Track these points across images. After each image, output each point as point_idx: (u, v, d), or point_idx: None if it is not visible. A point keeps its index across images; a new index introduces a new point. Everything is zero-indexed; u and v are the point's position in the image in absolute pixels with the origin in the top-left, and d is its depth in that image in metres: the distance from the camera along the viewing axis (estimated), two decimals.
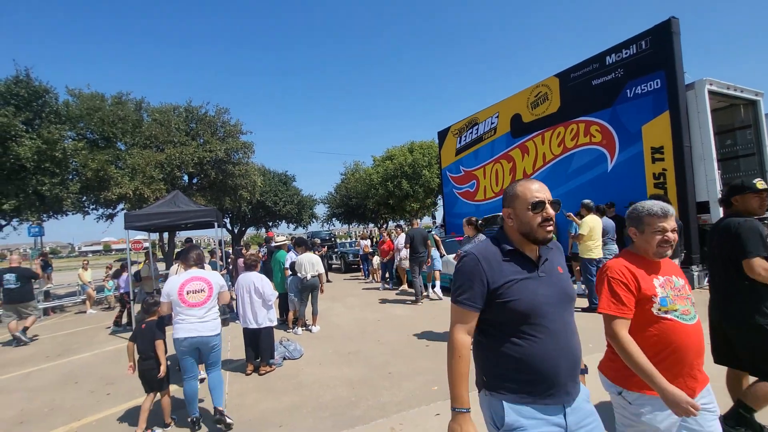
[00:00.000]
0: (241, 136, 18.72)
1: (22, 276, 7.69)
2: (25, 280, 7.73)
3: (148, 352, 3.56)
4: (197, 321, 3.49)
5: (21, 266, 8.07)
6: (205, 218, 8.19)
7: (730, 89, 7.72)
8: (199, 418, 3.53)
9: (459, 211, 13.45)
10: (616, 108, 8.25)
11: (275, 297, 4.84)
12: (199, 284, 3.59)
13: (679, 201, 7.17)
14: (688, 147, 7.25)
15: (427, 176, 24.44)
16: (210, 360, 3.60)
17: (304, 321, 6.80)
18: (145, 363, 3.55)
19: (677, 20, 7.24)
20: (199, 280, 3.61)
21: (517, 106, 10.81)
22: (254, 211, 29.41)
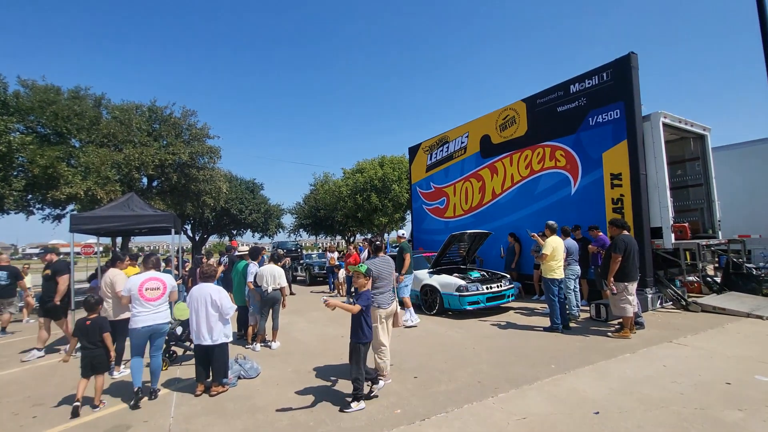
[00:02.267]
0: (207, 140, 18.12)
1: (12, 274, 8.24)
2: (14, 278, 8.28)
3: (96, 342, 4.25)
4: (153, 312, 4.44)
5: (10, 265, 8.59)
6: (161, 224, 7.74)
7: (682, 123, 8.30)
8: (140, 389, 4.28)
9: (428, 227, 13.54)
10: (579, 134, 8.64)
11: (233, 311, 4.56)
12: (156, 283, 4.54)
13: (635, 226, 7.52)
14: (644, 175, 7.66)
15: (397, 191, 24.58)
16: (155, 344, 4.54)
17: (263, 337, 6.48)
18: (93, 352, 4.22)
19: (636, 55, 7.72)
20: (156, 280, 4.57)
21: (487, 128, 11.11)
22: (218, 219, 28.39)
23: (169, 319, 4.65)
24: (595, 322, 6.98)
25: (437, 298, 8.17)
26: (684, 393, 3.87)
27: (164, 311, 4.56)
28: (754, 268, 8.60)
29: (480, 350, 5.66)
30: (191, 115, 17.91)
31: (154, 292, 4.48)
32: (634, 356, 5.10)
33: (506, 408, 3.74)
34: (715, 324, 6.46)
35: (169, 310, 4.68)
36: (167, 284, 4.60)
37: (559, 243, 6.71)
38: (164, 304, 4.58)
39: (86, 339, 4.24)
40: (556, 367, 4.81)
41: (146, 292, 4.43)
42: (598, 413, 3.55)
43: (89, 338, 4.24)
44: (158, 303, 4.50)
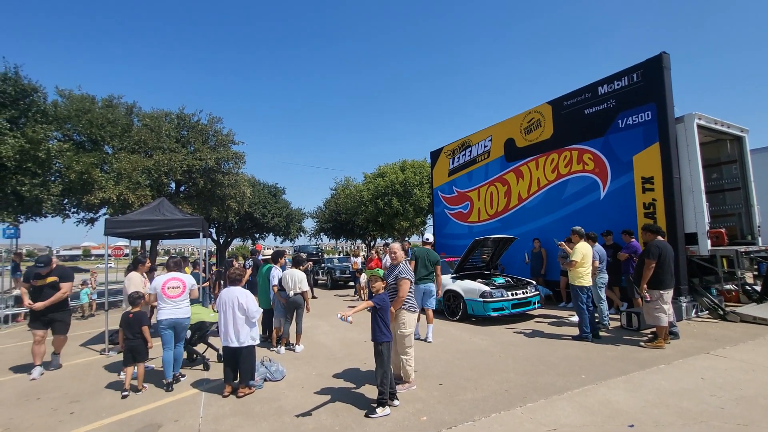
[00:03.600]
0: (232, 146, 18.55)
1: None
2: None
3: (135, 334, 4.85)
4: (174, 308, 5.02)
5: None
6: (190, 227, 7.94)
7: (718, 124, 7.95)
8: (171, 381, 4.87)
9: (450, 232, 13.41)
10: (608, 137, 8.40)
11: (259, 314, 4.63)
12: (176, 282, 5.14)
13: (669, 231, 7.21)
14: (678, 179, 7.37)
15: (418, 195, 24.48)
16: (179, 336, 5.12)
17: (287, 340, 6.55)
18: (134, 341, 4.83)
19: (668, 55, 7.46)
20: (176, 280, 5.17)
21: (511, 131, 10.94)
22: (241, 222, 28.94)
23: (189, 315, 5.19)
24: (627, 332, 6.73)
25: (460, 304, 8.07)
26: (724, 408, 3.68)
27: (185, 307, 5.13)
28: None
29: (506, 358, 5.54)
30: (217, 122, 18.41)
31: (174, 290, 5.07)
32: (669, 367, 4.88)
33: (535, 418, 3.64)
34: (756, 335, 6.13)
35: (188, 307, 5.23)
36: (186, 283, 5.20)
37: (588, 249, 6.53)
38: (184, 301, 5.14)
39: (129, 330, 4.83)
40: (586, 377, 4.66)
41: (168, 290, 5.02)
42: (633, 426, 3.41)
43: (131, 330, 4.83)
44: (179, 300, 5.07)
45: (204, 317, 5.86)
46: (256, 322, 4.68)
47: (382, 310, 4.01)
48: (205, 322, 5.86)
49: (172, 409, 4.28)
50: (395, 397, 4.07)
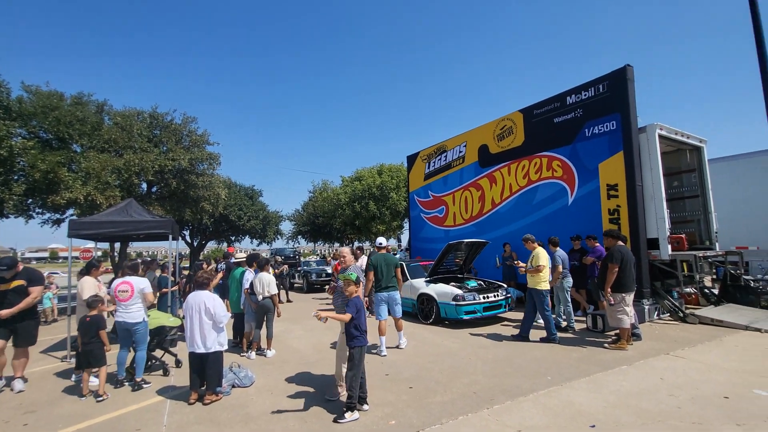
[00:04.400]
0: (207, 147, 18.18)
1: None
2: None
3: (92, 338, 4.75)
4: (124, 311, 5.08)
5: None
6: (159, 229, 7.71)
7: (678, 135, 8.35)
8: (124, 378, 5.09)
9: (426, 236, 13.53)
10: (576, 145, 8.69)
11: (227, 319, 4.54)
12: (125, 286, 5.15)
13: (632, 237, 7.53)
14: (640, 186, 7.69)
15: (395, 199, 24.63)
16: (134, 340, 5.14)
17: (258, 345, 6.45)
18: (89, 346, 4.74)
19: (631, 68, 7.80)
20: (125, 284, 5.17)
21: (484, 138, 11.17)
22: (216, 225, 28.33)
23: (140, 319, 5.16)
24: (592, 333, 6.95)
25: (434, 307, 8.14)
26: (681, 407, 3.85)
27: (134, 312, 5.13)
28: (752, 280, 8.59)
29: (476, 361, 5.63)
30: (191, 121, 18.01)
31: (123, 294, 5.10)
32: (631, 368, 5.07)
33: (501, 420, 3.71)
34: (713, 336, 6.44)
35: (141, 311, 5.20)
36: (135, 287, 5.17)
37: (545, 253, 6.84)
38: (134, 305, 5.14)
39: (86, 335, 4.77)
40: (551, 378, 4.79)
41: (119, 293, 5.11)
42: (594, 427, 3.52)
43: (89, 334, 4.76)
44: (128, 304, 5.09)
45: (163, 322, 5.73)
46: (225, 327, 4.59)
47: (358, 315, 4.01)
48: (165, 327, 5.72)
49: (135, 417, 4.14)
50: (365, 401, 4.07)
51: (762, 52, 8.41)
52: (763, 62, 8.44)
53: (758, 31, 8.50)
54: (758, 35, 8.50)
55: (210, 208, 18.95)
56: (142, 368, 5.13)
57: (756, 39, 8.54)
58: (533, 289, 6.68)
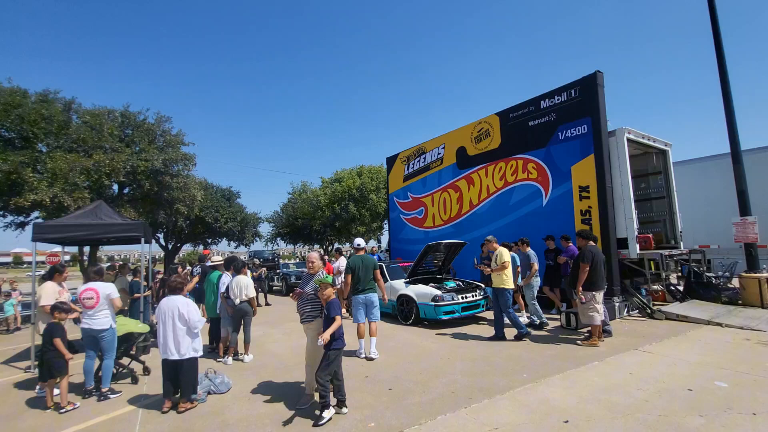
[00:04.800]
0: (182, 147, 17.72)
1: None
2: None
3: (48, 346, 4.57)
4: (89, 318, 4.91)
5: None
6: (131, 233, 7.45)
7: (645, 138, 8.72)
8: (92, 388, 4.87)
9: (406, 237, 13.61)
10: (549, 148, 8.95)
11: (202, 324, 4.43)
12: (90, 293, 4.94)
13: (602, 237, 7.81)
14: (610, 188, 7.98)
15: (375, 200, 24.66)
16: (101, 348, 4.96)
17: (235, 350, 6.33)
18: (47, 355, 4.57)
19: (602, 73, 8.10)
20: (90, 290, 4.96)
21: (462, 140, 11.35)
22: (192, 227, 27.61)
23: (107, 326, 4.96)
24: (565, 331, 7.16)
25: (413, 308, 8.20)
26: (648, 400, 4.00)
27: (101, 318, 4.95)
28: (713, 277, 9.06)
29: (454, 360, 5.70)
30: (166, 121, 17.54)
31: (88, 300, 4.91)
32: (602, 364, 5.24)
33: (479, 419, 3.77)
34: (678, 331, 6.74)
35: (107, 318, 5.01)
36: (100, 294, 4.96)
37: (508, 252, 7.04)
38: (101, 312, 4.96)
39: (43, 344, 4.67)
40: (527, 376, 4.90)
41: (84, 300, 4.91)
42: (567, 422, 3.62)
43: (44, 342, 4.67)
44: (93, 311, 4.92)
45: (131, 328, 5.56)
46: (200, 333, 4.49)
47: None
48: (134, 334, 5.55)
49: (105, 428, 4.00)
50: (344, 404, 4.06)
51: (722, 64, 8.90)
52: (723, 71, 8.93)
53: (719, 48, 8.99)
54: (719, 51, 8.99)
55: (185, 210, 18.47)
56: (109, 378, 4.94)
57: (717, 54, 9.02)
58: (497, 289, 6.80)
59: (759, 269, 8.48)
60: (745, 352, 5.48)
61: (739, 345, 5.86)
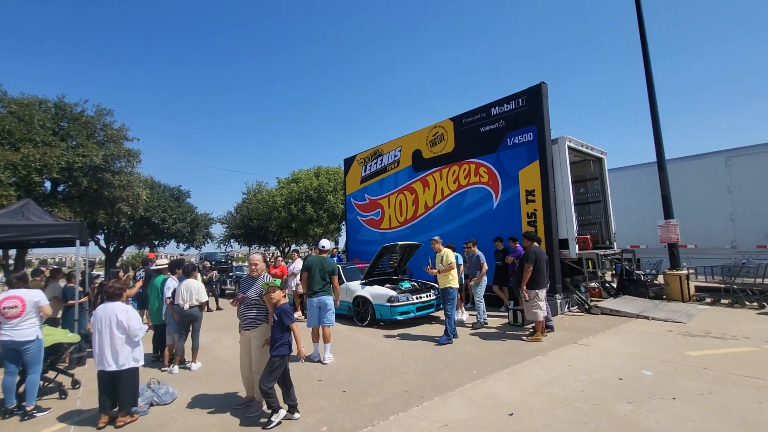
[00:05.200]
0: (125, 143, 16.59)
1: None
2: None
3: None
4: (11, 329, 4.44)
5: None
6: (63, 234, 6.88)
7: (584, 147, 9.40)
8: (14, 407, 4.40)
9: (363, 238, 13.65)
10: (499, 153, 9.39)
11: (143, 332, 4.18)
12: (14, 302, 4.50)
13: (546, 238, 8.30)
14: (553, 192, 8.51)
15: (332, 201, 24.46)
16: (26, 362, 4.51)
17: (182, 358, 6.04)
18: None
19: (546, 85, 8.63)
20: (14, 298, 4.53)
21: (418, 143, 11.60)
22: (137, 228, 25.92)
23: (32, 337, 4.53)
24: (513, 327, 7.53)
25: (369, 309, 8.25)
26: (585, 390, 4.32)
27: (26, 329, 4.52)
28: (642, 274, 9.92)
29: (408, 360, 5.81)
30: (107, 114, 16.32)
31: (12, 310, 4.48)
32: (545, 358, 5.58)
33: (430, 416, 3.88)
34: (612, 325, 7.31)
35: (34, 328, 4.58)
36: (27, 302, 4.56)
37: (452, 253, 7.17)
38: (26, 322, 4.53)
39: None
40: (477, 372, 5.10)
41: (6, 310, 4.44)
42: (512, 414, 3.82)
43: None
44: (17, 321, 4.48)
45: (60, 339, 5.15)
46: (141, 341, 4.24)
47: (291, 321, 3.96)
48: (63, 344, 5.15)
49: None
50: (296, 409, 4.02)
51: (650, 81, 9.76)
52: (650, 84, 9.79)
53: (647, 63, 9.84)
54: (647, 65, 9.85)
55: (128, 209, 17.30)
56: (35, 395, 4.49)
57: (645, 70, 9.88)
58: (443, 289, 6.95)
59: (680, 267, 9.41)
60: (667, 343, 6.06)
61: (663, 336, 6.46)
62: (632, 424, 3.50)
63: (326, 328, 6.03)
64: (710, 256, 10.39)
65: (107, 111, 16.34)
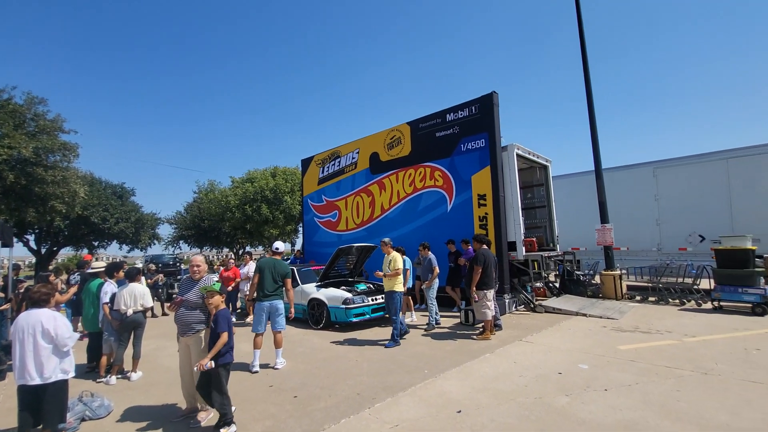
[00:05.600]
0: (60, 135, 15.32)
1: None
2: None
3: None
4: None
5: None
6: None
7: (531, 154, 9.95)
8: None
9: (320, 240, 13.50)
10: (453, 158, 9.69)
11: (74, 341, 3.83)
12: None
13: (496, 240, 8.68)
14: (503, 197, 8.92)
15: (289, 202, 24.02)
16: None
17: (121, 367, 5.66)
18: None
19: (497, 94, 9.04)
20: None
21: (376, 146, 11.69)
22: (73, 228, 23.92)
23: None
24: (464, 327, 7.79)
25: (324, 312, 8.18)
26: (528, 385, 4.55)
27: None
28: (581, 274, 10.64)
29: (362, 362, 5.82)
30: (39, 103, 15.00)
31: None
32: (492, 355, 5.81)
33: (381, 417, 3.91)
34: (554, 322, 7.76)
35: None
36: None
37: (401, 257, 7.20)
38: None
39: None
40: (428, 371, 5.22)
41: None
42: (461, 412, 3.94)
43: None
44: None
45: None
46: (72, 351, 3.90)
47: (230, 328, 3.81)
48: None
49: None
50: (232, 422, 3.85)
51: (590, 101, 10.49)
52: (590, 104, 10.53)
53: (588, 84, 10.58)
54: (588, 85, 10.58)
55: (63, 208, 15.95)
56: None
57: (586, 88, 10.60)
58: (388, 293, 6.92)
59: (614, 268, 10.19)
60: (602, 338, 6.54)
61: (598, 332, 6.96)
62: (569, 415, 3.75)
63: (277, 333, 5.83)
64: (640, 257, 11.35)
65: (39, 100, 15.06)
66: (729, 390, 4.18)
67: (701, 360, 5.19)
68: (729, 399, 3.96)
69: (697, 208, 10.62)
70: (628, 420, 3.60)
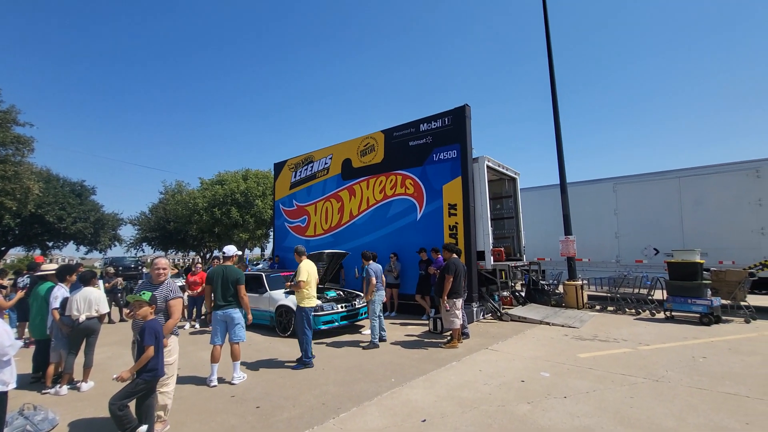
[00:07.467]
0: (14, 127, 14.42)
1: None
2: None
3: None
4: None
5: None
6: None
7: (500, 167, 10.25)
8: None
9: (290, 245, 13.31)
10: (425, 167, 9.85)
11: (15, 349, 3.55)
12: None
13: (466, 250, 8.84)
14: (473, 207, 9.13)
15: (260, 206, 23.56)
16: None
17: (71, 377, 5.32)
18: None
19: (469, 107, 9.30)
20: None
21: (349, 152, 11.72)
22: (26, 227, 22.44)
23: None
24: (433, 335, 7.85)
25: (292, 319, 8.02)
26: (492, 393, 4.63)
27: None
28: (546, 284, 11.00)
29: (328, 370, 5.75)
30: None
31: None
32: (459, 363, 5.88)
33: (345, 427, 3.86)
34: (519, 330, 7.95)
35: None
36: None
37: (313, 268, 6.31)
38: None
39: None
40: (395, 380, 5.21)
41: None
42: (425, 420, 3.95)
43: None
44: None
45: None
46: (13, 360, 3.64)
47: (157, 342, 3.61)
48: None
49: None
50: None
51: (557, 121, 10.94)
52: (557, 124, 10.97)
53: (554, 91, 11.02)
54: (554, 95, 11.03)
55: (14, 205, 14.97)
56: None
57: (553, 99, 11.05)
58: (298, 307, 6.13)
59: (576, 278, 10.60)
60: (563, 346, 6.76)
61: (560, 340, 7.19)
62: (529, 423, 3.84)
63: (234, 345, 5.46)
64: (600, 268, 11.85)
65: None
66: (677, 396, 4.41)
67: (653, 367, 5.46)
68: (677, 405, 4.18)
69: (653, 222, 11.23)
70: (585, 426, 3.73)
